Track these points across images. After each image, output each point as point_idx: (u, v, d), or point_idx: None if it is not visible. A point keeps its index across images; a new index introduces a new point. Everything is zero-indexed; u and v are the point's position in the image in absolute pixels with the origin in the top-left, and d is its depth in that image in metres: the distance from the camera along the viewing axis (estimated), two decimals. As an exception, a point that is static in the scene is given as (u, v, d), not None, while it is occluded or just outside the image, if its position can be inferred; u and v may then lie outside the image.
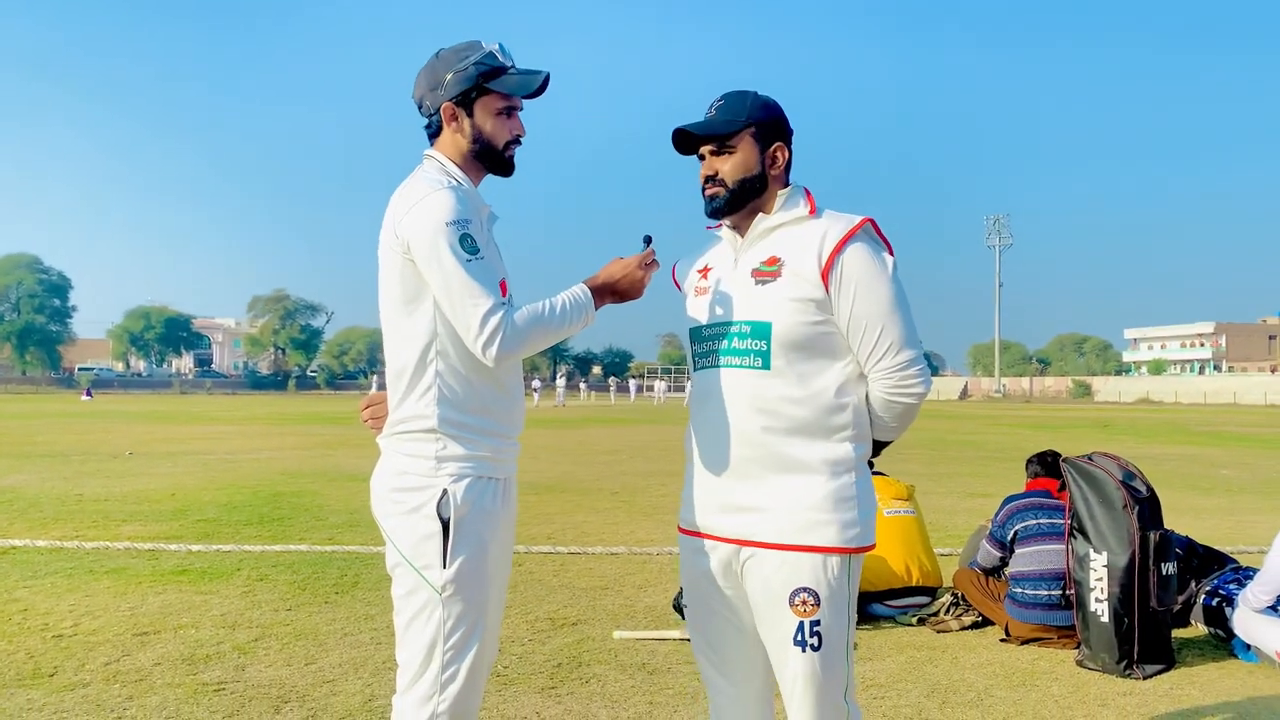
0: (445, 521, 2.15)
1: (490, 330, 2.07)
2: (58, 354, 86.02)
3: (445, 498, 2.15)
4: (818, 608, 2.08)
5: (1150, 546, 4.26)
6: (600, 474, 12.57)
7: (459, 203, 2.11)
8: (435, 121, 2.28)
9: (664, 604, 5.26)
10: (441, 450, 2.17)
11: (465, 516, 2.16)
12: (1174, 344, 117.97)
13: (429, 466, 2.17)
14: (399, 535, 2.20)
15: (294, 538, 7.33)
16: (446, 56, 2.24)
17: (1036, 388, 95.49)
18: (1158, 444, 20.57)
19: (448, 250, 2.07)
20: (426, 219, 2.09)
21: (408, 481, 2.19)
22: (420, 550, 2.16)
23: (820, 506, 2.09)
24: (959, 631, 4.84)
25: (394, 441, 2.25)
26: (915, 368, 2.14)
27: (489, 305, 2.07)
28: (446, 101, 2.23)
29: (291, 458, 14.55)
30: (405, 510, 2.18)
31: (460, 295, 2.08)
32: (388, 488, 2.23)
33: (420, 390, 2.19)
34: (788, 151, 2.24)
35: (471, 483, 2.18)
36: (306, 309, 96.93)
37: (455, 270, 2.07)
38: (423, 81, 2.27)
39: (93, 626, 4.70)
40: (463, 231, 2.09)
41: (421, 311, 2.17)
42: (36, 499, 9.40)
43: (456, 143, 2.27)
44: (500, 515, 2.25)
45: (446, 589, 2.15)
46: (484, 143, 2.26)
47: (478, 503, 2.19)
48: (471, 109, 2.24)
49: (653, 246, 2.29)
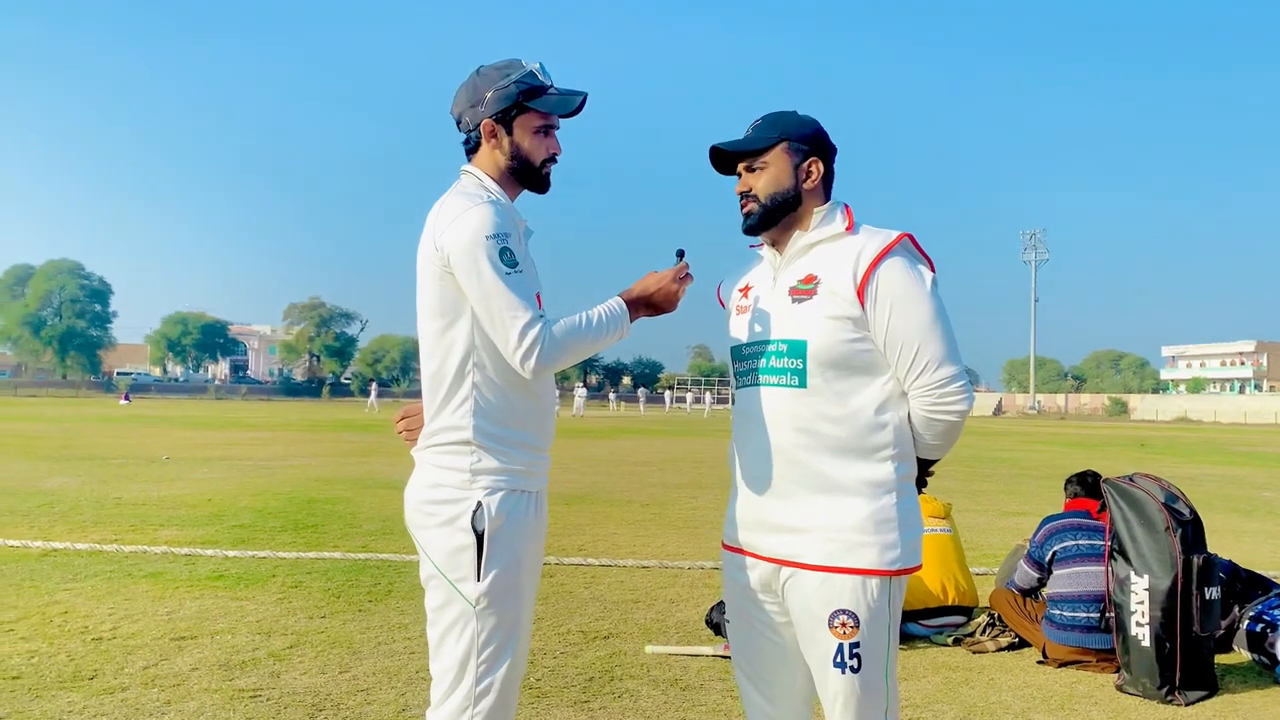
0: (479, 534, 2.15)
1: (529, 343, 2.08)
2: (98, 358, 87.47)
3: (480, 510, 2.16)
4: (857, 629, 2.07)
5: (1193, 570, 4.18)
6: (631, 485, 12.56)
7: (498, 217, 2.14)
8: (474, 137, 2.30)
9: (696, 619, 5.24)
10: (476, 463, 2.18)
11: (499, 529, 2.17)
12: (1213, 362, 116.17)
13: (463, 479, 2.18)
14: (433, 548, 2.20)
15: (328, 545, 7.38)
16: (488, 74, 2.27)
17: (1072, 404, 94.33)
18: (1196, 464, 20.23)
19: (487, 263, 2.09)
20: (466, 232, 2.11)
21: (442, 494, 2.19)
22: (454, 563, 2.17)
23: (860, 528, 2.08)
24: (995, 653, 4.78)
25: (429, 454, 2.25)
26: (956, 384, 2.11)
27: (528, 318, 2.09)
28: (487, 119, 2.26)
29: (326, 464, 14.67)
30: (439, 522, 2.19)
31: (499, 308, 2.09)
32: (421, 500, 2.23)
33: (456, 402, 2.21)
34: (823, 166, 2.22)
35: (505, 495, 2.19)
36: (341, 316, 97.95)
37: (494, 283, 2.09)
38: (462, 98, 2.29)
39: (131, 630, 4.76)
40: (502, 245, 2.11)
41: (459, 324, 2.19)
42: (77, 502, 9.55)
43: (495, 159, 2.29)
44: (533, 528, 2.26)
45: (480, 602, 2.16)
46: (522, 160, 2.29)
47: (511, 515, 2.19)
48: (511, 126, 2.27)
49: (686, 260, 2.30)
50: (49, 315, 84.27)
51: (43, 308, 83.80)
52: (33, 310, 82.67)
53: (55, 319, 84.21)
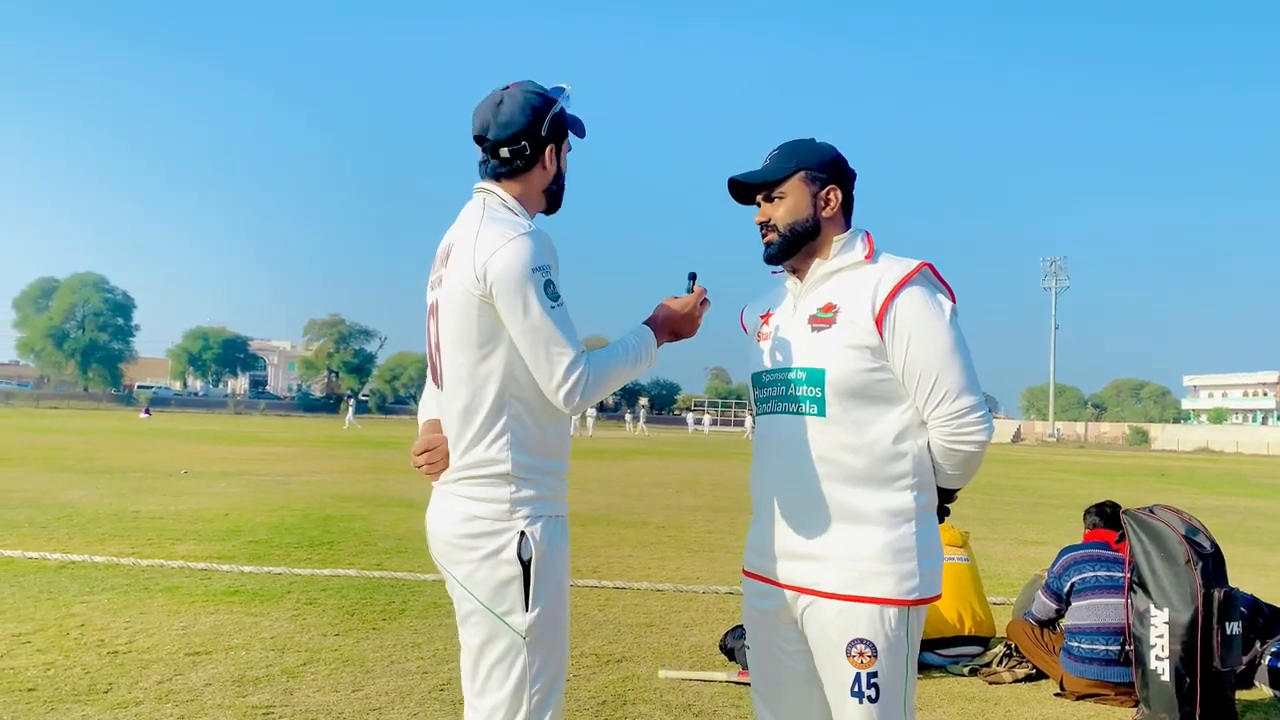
0: (525, 564, 2.12)
1: (574, 381, 2.07)
2: (119, 371, 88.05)
3: (525, 540, 2.12)
4: (875, 659, 2.06)
5: (1214, 605, 4.13)
6: (646, 507, 12.53)
7: (540, 248, 2.10)
8: (522, 162, 2.24)
9: (710, 644, 5.21)
10: (515, 494, 2.14)
11: (544, 557, 2.15)
12: (1235, 392, 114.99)
13: (503, 510, 2.14)
14: (474, 582, 2.15)
15: (343, 562, 7.39)
16: (542, 96, 2.23)
17: (1092, 433, 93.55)
18: (1219, 495, 20.00)
19: (534, 297, 2.06)
20: (515, 265, 2.06)
21: (481, 526, 2.14)
22: (500, 595, 2.13)
23: (878, 557, 2.07)
24: (1012, 684, 4.73)
25: (461, 486, 2.19)
26: (975, 414, 2.10)
27: (573, 355, 2.07)
28: (551, 144, 2.26)
29: (342, 481, 14.72)
30: (481, 556, 2.14)
31: (545, 344, 2.07)
32: (458, 535, 2.17)
33: (493, 435, 2.15)
34: (841, 194, 2.23)
35: (546, 523, 2.17)
36: (360, 334, 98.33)
37: (542, 318, 2.06)
38: (516, 118, 2.20)
39: (147, 644, 4.78)
40: (546, 278, 2.08)
41: (495, 355, 2.13)
42: (95, 515, 9.61)
43: (538, 183, 2.27)
44: (569, 553, 2.26)
45: (530, 633, 2.13)
46: (561, 184, 2.34)
47: (552, 542, 2.17)
48: (559, 151, 2.30)
49: (700, 284, 2.31)
50: (72, 328, 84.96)
51: (66, 320, 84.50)
52: (56, 323, 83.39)
53: (78, 332, 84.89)
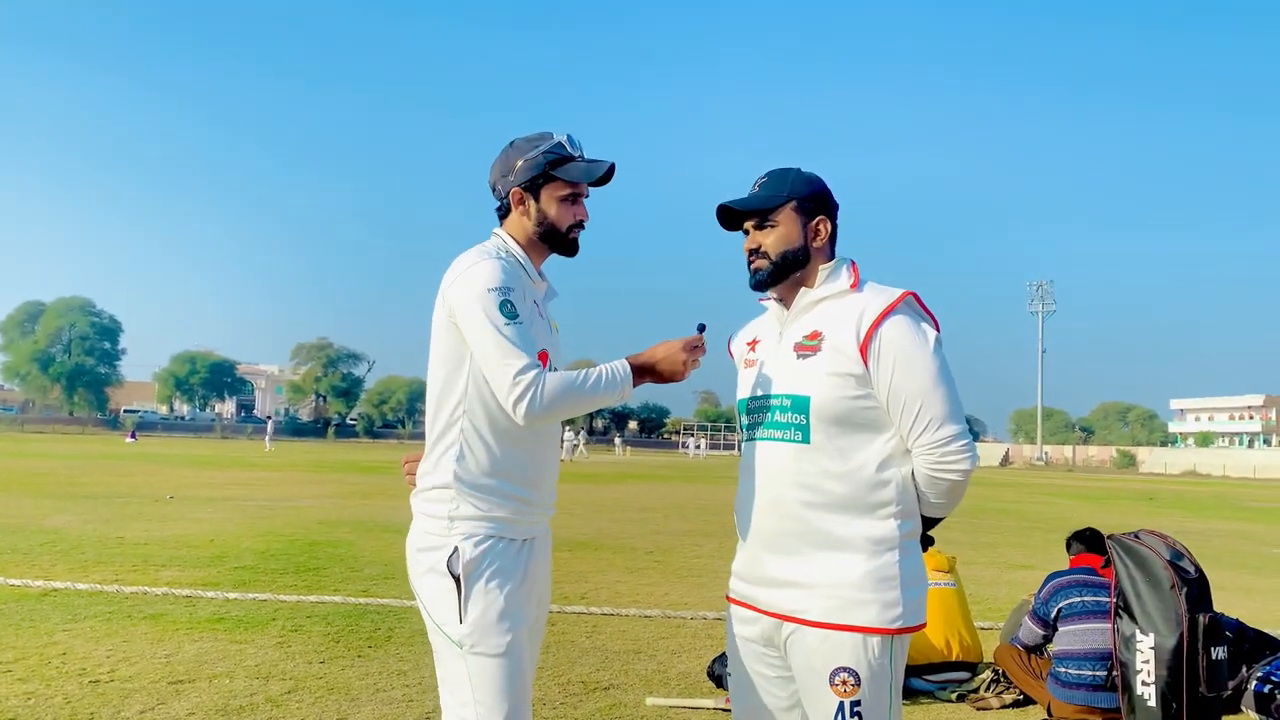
0: (456, 577, 2.21)
1: (522, 388, 2.15)
2: (105, 395, 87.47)
3: (455, 554, 2.22)
4: (858, 688, 2.06)
5: (1199, 629, 4.14)
6: (634, 532, 12.50)
7: (503, 272, 2.25)
8: (505, 204, 2.42)
9: (698, 670, 5.20)
10: (454, 510, 2.25)
11: (474, 573, 2.21)
12: (1222, 416, 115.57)
13: (443, 525, 2.26)
14: (422, 593, 2.28)
15: (329, 588, 7.35)
16: (519, 145, 2.40)
17: (1079, 456, 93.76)
18: (1206, 519, 20.06)
19: (485, 313, 2.19)
20: (470, 285, 2.22)
21: (427, 540, 2.28)
22: (438, 606, 2.24)
23: (860, 585, 2.08)
24: (999, 709, 4.73)
25: (418, 501, 2.34)
26: (958, 443, 2.12)
27: (522, 364, 2.16)
28: (515, 187, 2.38)
29: (329, 506, 14.64)
30: (425, 569, 2.26)
31: (495, 354, 2.17)
32: (413, 547, 2.32)
33: (442, 449, 2.29)
34: (830, 225, 2.27)
35: (482, 541, 2.24)
36: (348, 357, 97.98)
37: (491, 331, 2.18)
38: (496, 168, 2.43)
39: (129, 673, 4.73)
40: (504, 298, 2.21)
41: (459, 373, 2.28)
42: (79, 541, 9.53)
43: (523, 225, 2.41)
44: (521, 574, 2.28)
45: (465, 643, 2.20)
46: (548, 226, 2.40)
47: (490, 559, 2.23)
48: (538, 194, 2.38)
49: (704, 335, 2.32)
50: (58, 352, 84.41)
51: (52, 344, 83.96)
52: (42, 347, 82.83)
53: (64, 356, 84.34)
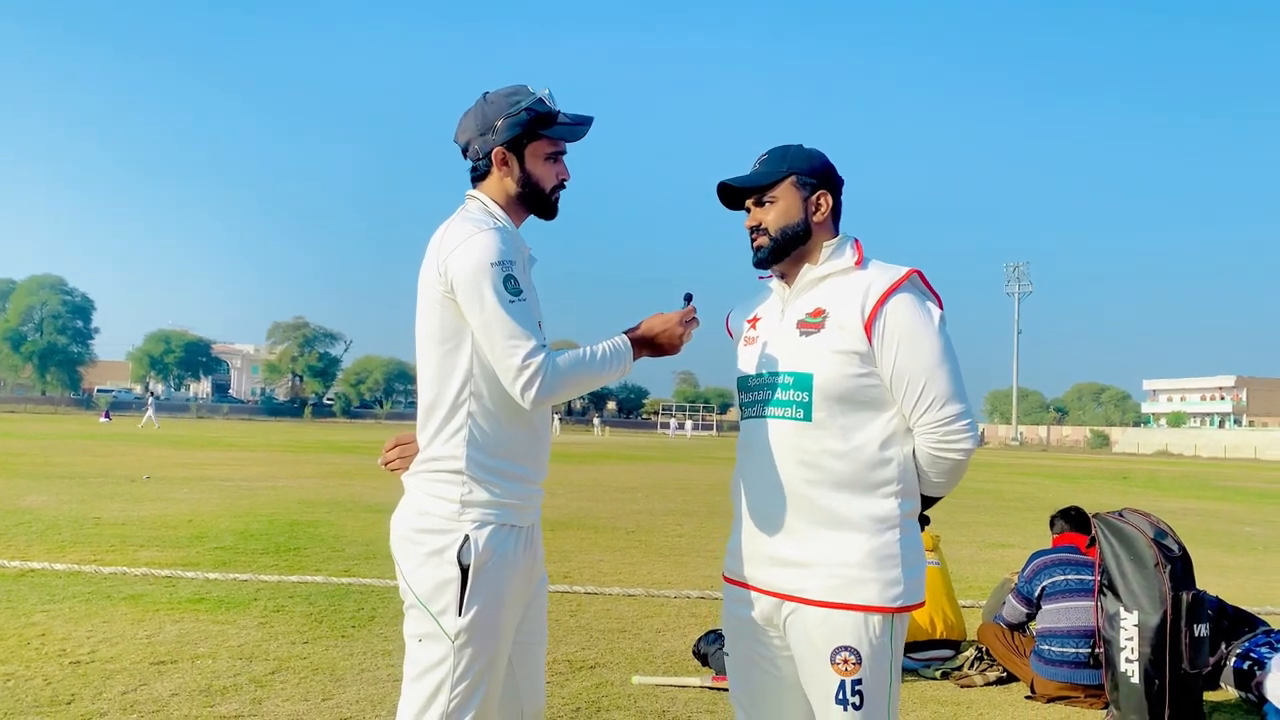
0: (465, 568, 2.12)
1: (531, 373, 2.06)
2: (78, 375, 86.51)
3: (467, 544, 2.13)
4: (859, 666, 2.05)
5: (1183, 607, 4.18)
6: (616, 511, 12.50)
7: (503, 244, 2.13)
8: (483, 165, 2.28)
9: (683, 649, 5.20)
10: (467, 494, 2.15)
11: (485, 565, 2.14)
12: (1194, 396, 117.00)
13: (453, 510, 2.15)
14: (416, 577, 2.17)
15: (310, 568, 7.30)
16: (497, 101, 2.26)
17: (1054, 437, 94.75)
18: (1179, 498, 20.31)
19: (491, 291, 2.07)
20: (471, 259, 2.10)
21: (430, 523, 2.16)
22: (437, 595, 2.14)
23: (862, 564, 2.06)
24: (983, 687, 4.76)
25: (419, 480, 2.22)
26: (961, 422, 2.11)
27: (530, 347, 2.07)
28: (498, 146, 2.25)
29: (309, 486, 14.55)
30: (425, 552, 2.16)
31: (501, 336, 2.08)
32: (409, 527, 2.20)
33: (450, 431, 2.18)
34: (832, 200, 2.23)
35: (494, 530, 2.16)
36: (325, 337, 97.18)
37: (497, 311, 2.07)
38: (470, 125, 2.28)
39: (110, 654, 4.68)
40: (506, 273, 2.10)
41: (460, 351, 2.17)
42: (55, 521, 9.42)
43: (504, 186, 2.29)
44: (521, 565, 2.23)
45: (459, 637, 2.12)
46: (532, 187, 2.29)
47: (499, 551, 2.16)
48: (522, 154, 2.26)
49: (694, 304, 2.29)
50: (29, 331, 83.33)
51: (23, 323, 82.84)
52: (13, 326, 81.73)
53: (36, 335, 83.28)
